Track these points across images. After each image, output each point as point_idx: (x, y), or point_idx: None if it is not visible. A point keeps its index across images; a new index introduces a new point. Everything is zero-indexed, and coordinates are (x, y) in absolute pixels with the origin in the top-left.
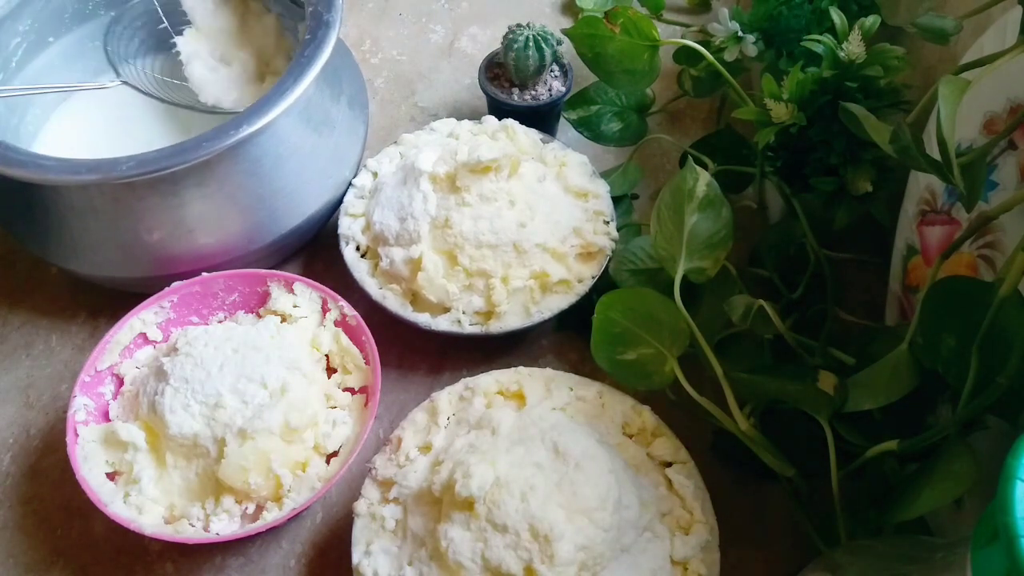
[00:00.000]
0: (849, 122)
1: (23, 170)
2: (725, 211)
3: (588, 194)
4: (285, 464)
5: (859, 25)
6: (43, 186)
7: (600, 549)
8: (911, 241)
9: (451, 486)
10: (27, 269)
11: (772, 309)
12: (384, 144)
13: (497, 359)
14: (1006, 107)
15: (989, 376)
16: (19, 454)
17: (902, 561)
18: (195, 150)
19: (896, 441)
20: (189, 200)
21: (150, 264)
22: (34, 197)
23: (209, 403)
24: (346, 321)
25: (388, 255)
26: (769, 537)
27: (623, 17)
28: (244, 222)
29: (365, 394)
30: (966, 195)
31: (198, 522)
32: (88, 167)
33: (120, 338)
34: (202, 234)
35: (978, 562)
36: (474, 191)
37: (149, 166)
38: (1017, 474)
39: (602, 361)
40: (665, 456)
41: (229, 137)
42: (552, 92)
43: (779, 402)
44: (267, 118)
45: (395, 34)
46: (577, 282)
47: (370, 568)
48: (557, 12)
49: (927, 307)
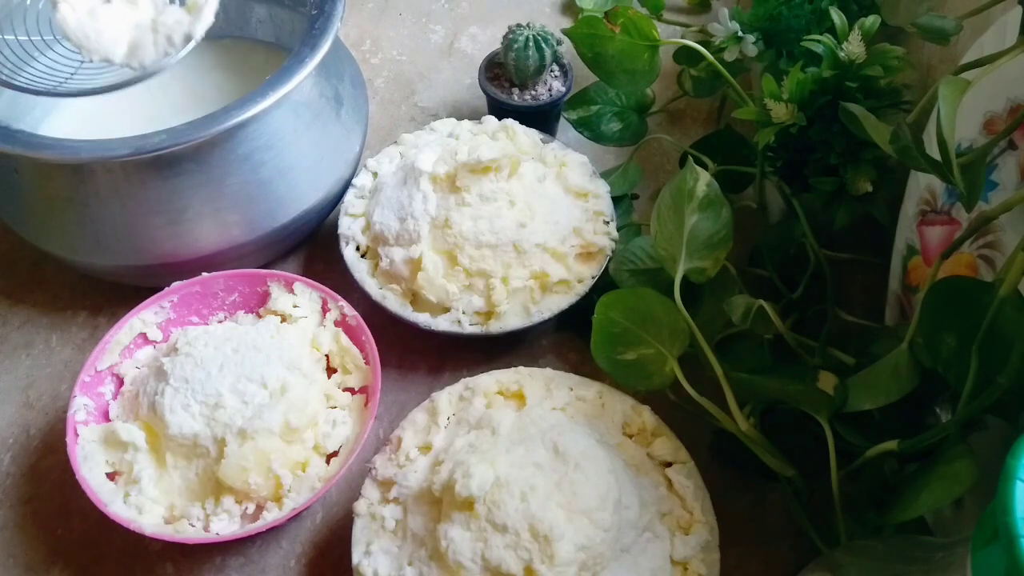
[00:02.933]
0: (849, 122)
1: (52, 152)
2: (725, 211)
3: (588, 194)
4: (285, 464)
5: (859, 25)
6: (41, 174)
7: (600, 549)
8: (911, 241)
9: (451, 486)
10: (27, 269)
11: (772, 309)
12: (384, 144)
13: (497, 359)
14: (1006, 107)
15: (989, 376)
16: (19, 454)
17: (902, 561)
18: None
19: (896, 441)
20: (187, 187)
21: (149, 253)
22: (32, 185)
23: (209, 403)
24: (346, 321)
25: (388, 255)
26: (769, 537)
27: (623, 17)
28: (242, 211)
29: (365, 394)
30: (966, 195)
31: (198, 522)
32: (120, 144)
33: (120, 338)
34: (200, 223)
35: (978, 562)
36: (474, 191)
37: (180, 138)
38: (1017, 474)
39: (602, 361)
40: (665, 456)
41: (233, 119)
42: (552, 92)
43: (779, 402)
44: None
45: (395, 34)
46: (577, 282)
47: (370, 568)
48: (557, 12)
49: (927, 307)
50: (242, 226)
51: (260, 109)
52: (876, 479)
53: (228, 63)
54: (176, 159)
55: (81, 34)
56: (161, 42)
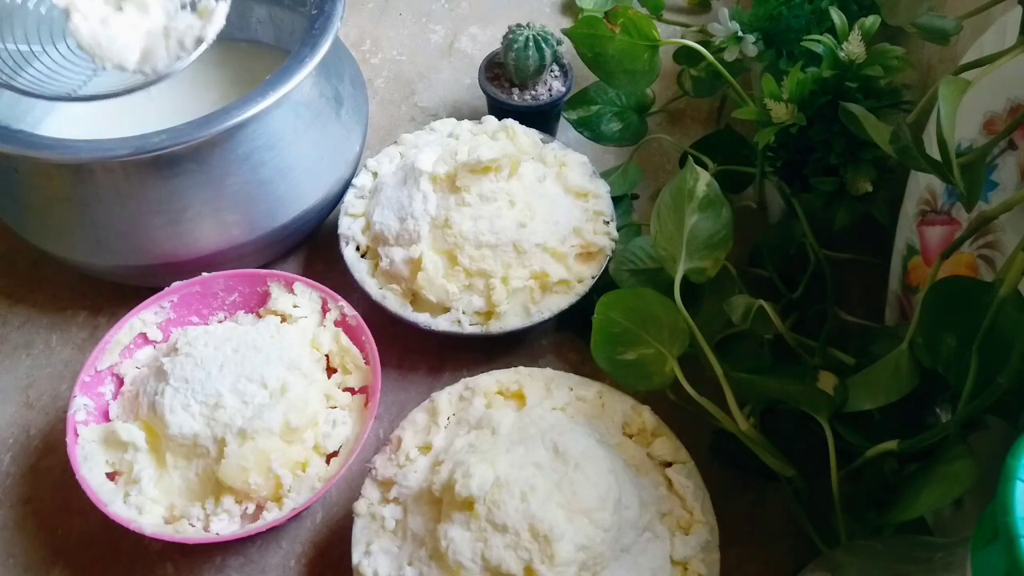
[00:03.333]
0: (849, 122)
1: (52, 152)
2: (725, 211)
3: (588, 194)
4: (285, 464)
5: (859, 25)
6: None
7: (600, 549)
8: (911, 241)
9: (451, 486)
10: (27, 269)
11: (772, 309)
12: (384, 144)
13: (497, 359)
14: (1006, 107)
15: (989, 376)
16: (19, 454)
17: (902, 561)
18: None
19: (896, 441)
20: (187, 187)
21: (149, 253)
22: (32, 185)
23: (209, 403)
24: (346, 321)
25: (388, 255)
26: (769, 537)
27: (623, 17)
28: (242, 211)
29: (365, 394)
30: (966, 195)
31: (198, 522)
32: (120, 144)
33: (120, 338)
34: (200, 223)
35: (978, 562)
36: (474, 191)
37: (180, 138)
38: (1017, 474)
39: (602, 361)
40: (665, 456)
41: (233, 119)
42: (552, 92)
43: (779, 402)
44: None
45: (395, 34)
46: (577, 282)
47: (370, 568)
48: (557, 12)
49: (927, 307)
50: (242, 226)
51: (260, 109)
52: (876, 479)
53: (228, 63)
54: (176, 159)
55: (94, 43)
56: (173, 47)
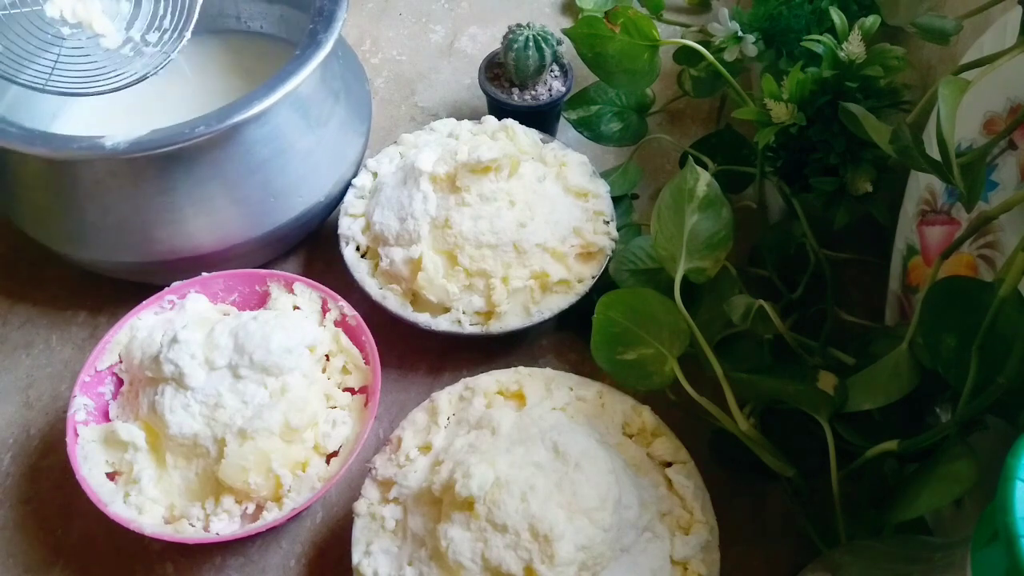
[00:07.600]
0: (849, 122)
1: (52, 149)
2: (725, 211)
3: (588, 194)
4: (285, 464)
5: (859, 25)
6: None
7: (600, 549)
8: (911, 241)
9: (451, 486)
10: (27, 269)
11: (772, 309)
12: (384, 144)
13: (497, 359)
14: (1006, 107)
15: (989, 376)
16: (19, 454)
17: (902, 561)
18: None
19: (896, 441)
20: (187, 185)
21: (149, 250)
22: (33, 181)
23: (209, 403)
24: (346, 321)
25: (388, 255)
26: (769, 537)
27: (623, 17)
28: (242, 210)
29: (365, 394)
30: (966, 195)
31: (198, 522)
32: (121, 141)
33: (120, 338)
34: (200, 221)
35: (978, 562)
36: (474, 191)
37: (180, 136)
38: (1017, 474)
39: (602, 361)
40: (665, 456)
41: (234, 117)
42: (552, 92)
43: (779, 402)
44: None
45: (395, 34)
46: (577, 282)
47: (370, 568)
48: (557, 12)
49: (927, 307)
50: (242, 225)
51: (261, 108)
52: (876, 479)
53: (229, 62)
54: (176, 157)
55: (72, 13)
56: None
